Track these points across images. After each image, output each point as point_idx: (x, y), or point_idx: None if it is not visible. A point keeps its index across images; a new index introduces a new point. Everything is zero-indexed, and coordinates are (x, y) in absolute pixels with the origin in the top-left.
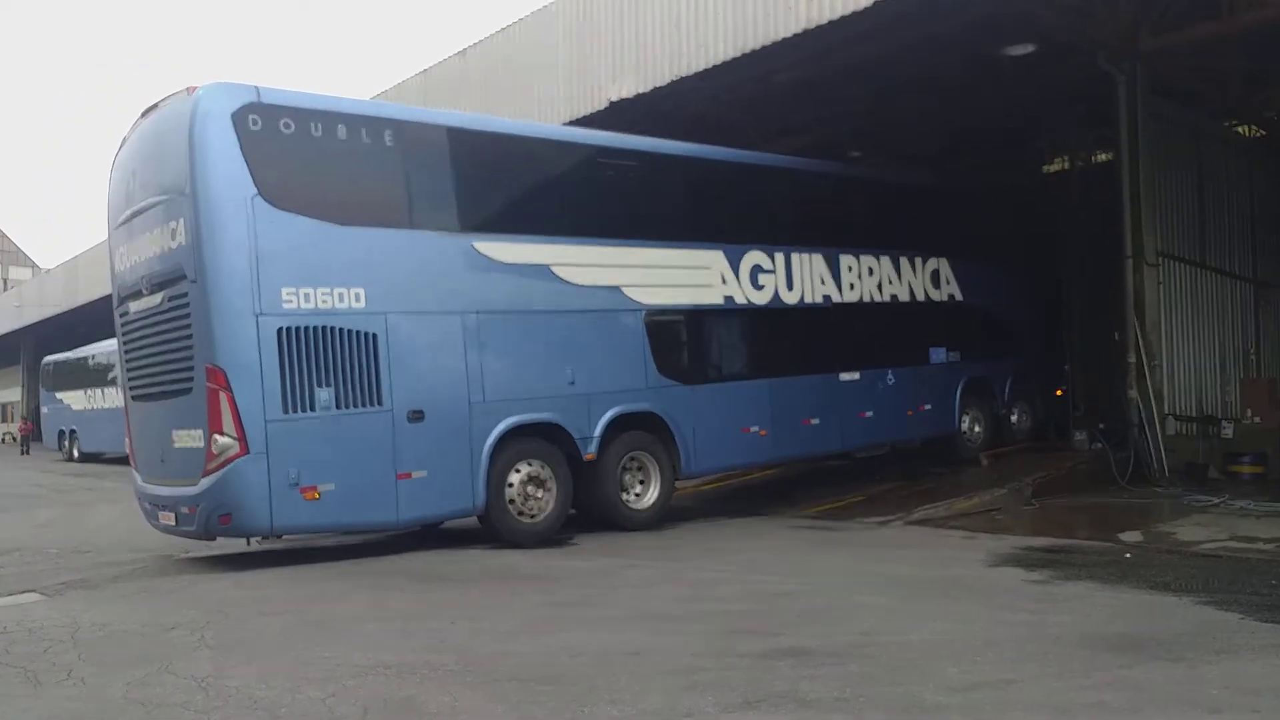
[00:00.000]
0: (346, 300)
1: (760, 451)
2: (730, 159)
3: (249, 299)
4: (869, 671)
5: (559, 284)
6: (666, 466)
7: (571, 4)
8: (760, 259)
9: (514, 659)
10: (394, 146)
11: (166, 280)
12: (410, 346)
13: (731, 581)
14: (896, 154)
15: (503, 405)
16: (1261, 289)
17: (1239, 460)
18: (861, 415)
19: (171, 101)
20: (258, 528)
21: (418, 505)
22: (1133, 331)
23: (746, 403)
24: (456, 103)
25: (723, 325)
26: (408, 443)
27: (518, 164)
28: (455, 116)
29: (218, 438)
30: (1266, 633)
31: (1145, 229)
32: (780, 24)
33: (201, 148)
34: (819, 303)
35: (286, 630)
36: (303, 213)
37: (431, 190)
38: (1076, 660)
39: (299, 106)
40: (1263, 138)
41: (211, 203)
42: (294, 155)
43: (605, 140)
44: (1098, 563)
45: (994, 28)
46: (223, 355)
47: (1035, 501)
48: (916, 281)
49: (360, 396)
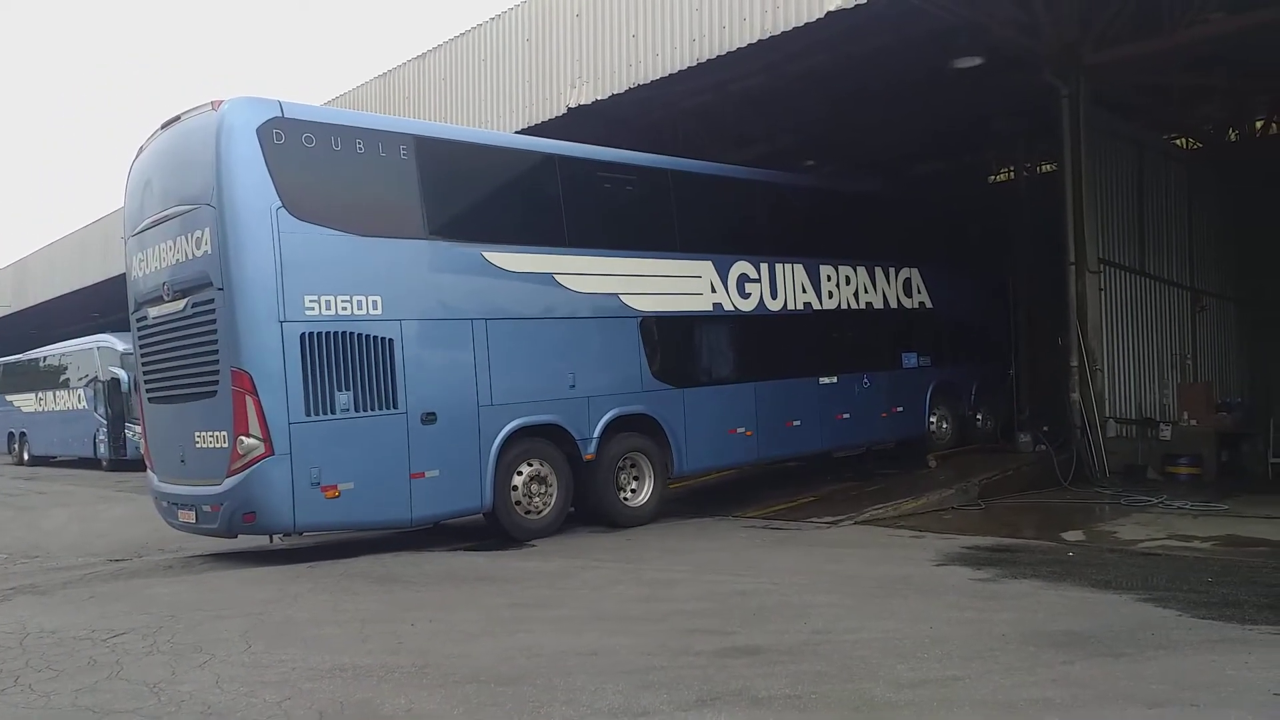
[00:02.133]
0: (364, 307)
1: (747, 452)
2: (720, 174)
3: (274, 306)
4: (820, 669)
5: (562, 291)
6: (660, 466)
7: (530, 12)
8: (747, 269)
9: (472, 660)
10: (409, 160)
11: (191, 287)
12: (423, 351)
13: (687, 581)
14: (849, 162)
15: (509, 407)
16: (1197, 296)
17: (1176, 462)
18: (840, 417)
19: (196, 115)
20: (281, 525)
21: (430, 504)
22: (1075, 336)
23: (734, 405)
24: (415, 107)
25: (712, 331)
26: (421, 444)
27: (524, 177)
28: (467, 132)
29: (243, 439)
30: (1203, 629)
31: (1087, 237)
32: (736, 34)
33: (228, 160)
34: (800, 310)
35: (243, 633)
36: (323, 223)
37: (444, 202)
38: (1021, 657)
39: (320, 121)
40: (1199, 150)
41: (238, 214)
42: (315, 168)
43: (606, 155)
44: (1042, 561)
45: (943, 40)
46: (249, 360)
47: (982, 502)
48: (890, 290)
49: (377, 399)
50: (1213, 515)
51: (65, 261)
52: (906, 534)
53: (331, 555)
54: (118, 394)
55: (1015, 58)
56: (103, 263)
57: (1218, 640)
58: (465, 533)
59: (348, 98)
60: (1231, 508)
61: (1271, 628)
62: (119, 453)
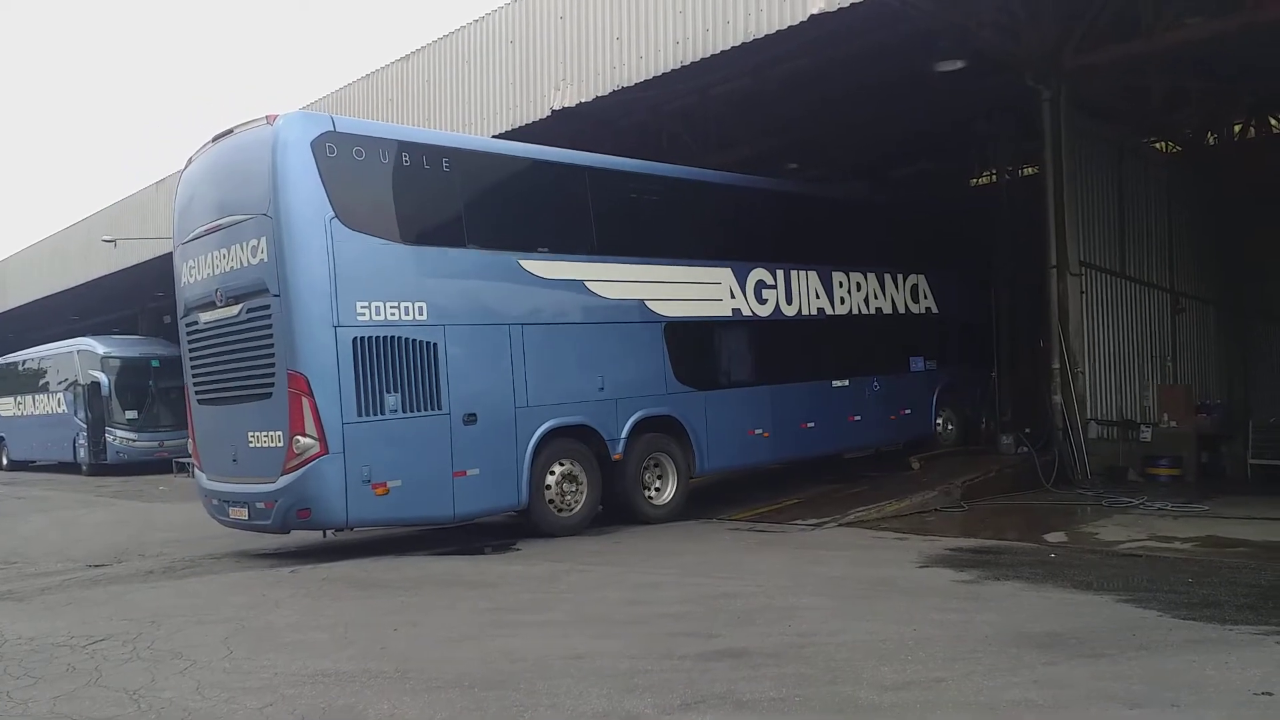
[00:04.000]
0: (411, 313)
1: (763, 452)
2: (739, 184)
3: (328, 312)
4: (805, 672)
5: (592, 298)
6: (682, 466)
7: (514, 14)
8: (764, 275)
9: (455, 665)
10: (451, 173)
11: (246, 293)
12: (465, 355)
13: (672, 584)
14: (832, 165)
15: (543, 409)
16: (1177, 299)
17: (1157, 463)
18: (851, 419)
19: (250, 129)
20: (334, 521)
21: (471, 500)
22: (1057, 338)
23: (751, 407)
24: (400, 108)
25: (731, 336)
26: (463, 443)
27: (556, 188)
28: (504, 145)
29: (299, 438)
30: (1184, 629)
31: (1068, 240)
32: (719, 37)
33: (284, 173)
34: (814, 315)
35: (224, 639)
36: (373, 233)
37: (483, 213)
38: (1004, 658)
39: (369, 135)
40: (1179, 154)
41: (294, 224)
42: (365, 180)
43: (632, 167)
44: (1024, 563)
45: (925, 44)
46: (305, 363)
47: (964, 504)
48: (898, 295)
49: (423, 401)
50: (1193, 516)
51: (45, 264)
52: (890, 536)
53: (314, 560)
54: (98, 398)
55: (997, 61)
56: (83, 266)
57: (1198, 641)
58: (446, 538)
59: (331, 99)
60: (1211, 509)
61: (1251, 628)
62: (99, 457)
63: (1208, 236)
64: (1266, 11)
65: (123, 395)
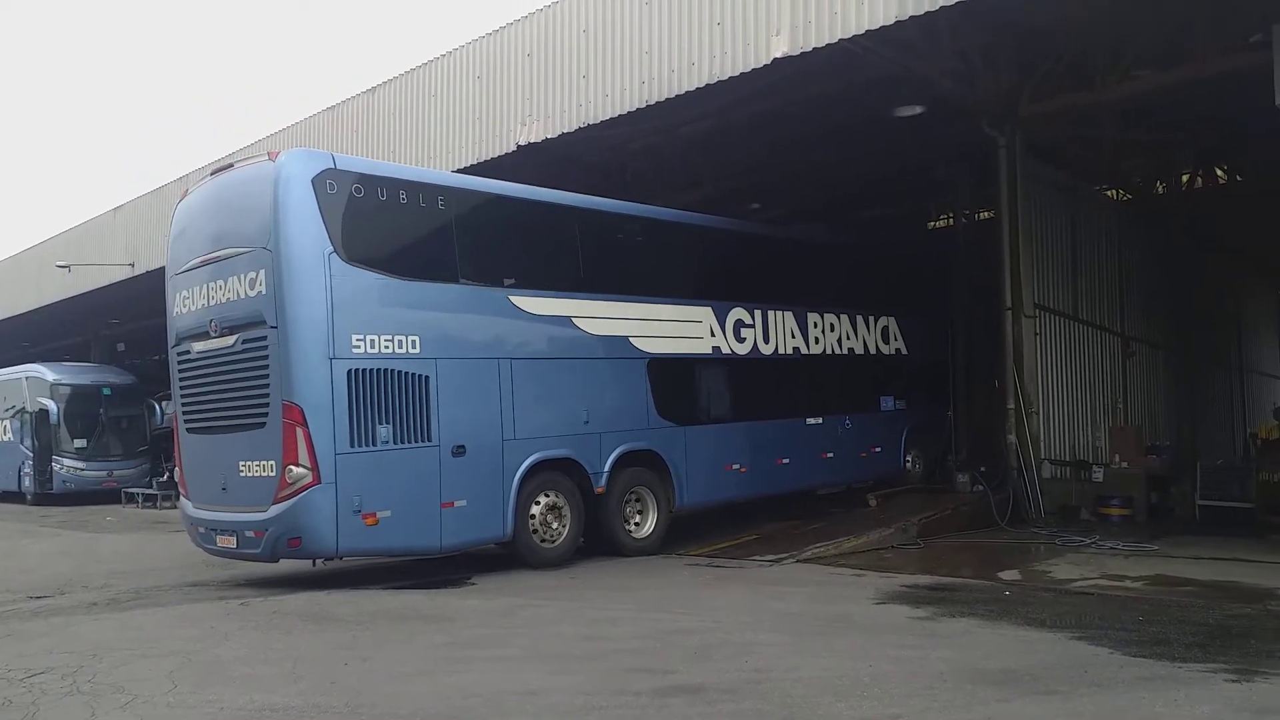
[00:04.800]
0: (404, 346)
1: (740, 488)
2: (719, 226)
3: (324, 344)
4: (761, 708)
5: (578, 333)
6: (663, 500)
7: (481, 50)
8: (743, 314)
9: (407, 700)
10: (445, 210)
11: (242, 324)
12: (455, 388)
13: (629, 620)
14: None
15: (530, 442)
16: (1127, 343)
17: (1108, 503)
18: (824, 456)
19: (250, 164)
20: (324, 550)
21: (458, 532)
22: (1011, 379)
23: (730, 443)
24: (364, 140)
25: (711, 373)
26: (451, 475)
27: (546, 226)
28: (497, 185)
29: (292, 468)
30: (1134, 666)
31: (1023, 282)
32: (684, 78)
33: (285, 208)
34: (790, 354)
35: (168, 673)
36: (369, 267)
37: (476, 249)
38: (959, 694)
39: (367, 173)
40: (1129, 201)
41: (294, 258)
42: (362, 216)
43: (620, 208)
44: (979, 600)
45: (885, 89)
46: (300, 394)
47: (920, 541)
48: (870, 336)
49: (413, 433)
50: (1143, 556)
51: None
52: (847, 572)
53: (265, 592)
54: (46, 425)
55: (955, 107)
56: (36, 291)
57: (1148, 678)
58: (403, 571)
59: (296, 130)
60: (1161, 548)
61: (1200, 665)
62: (44, 486)
63: (1157, 283)
64: (1212, 66)
65: (71, 423)
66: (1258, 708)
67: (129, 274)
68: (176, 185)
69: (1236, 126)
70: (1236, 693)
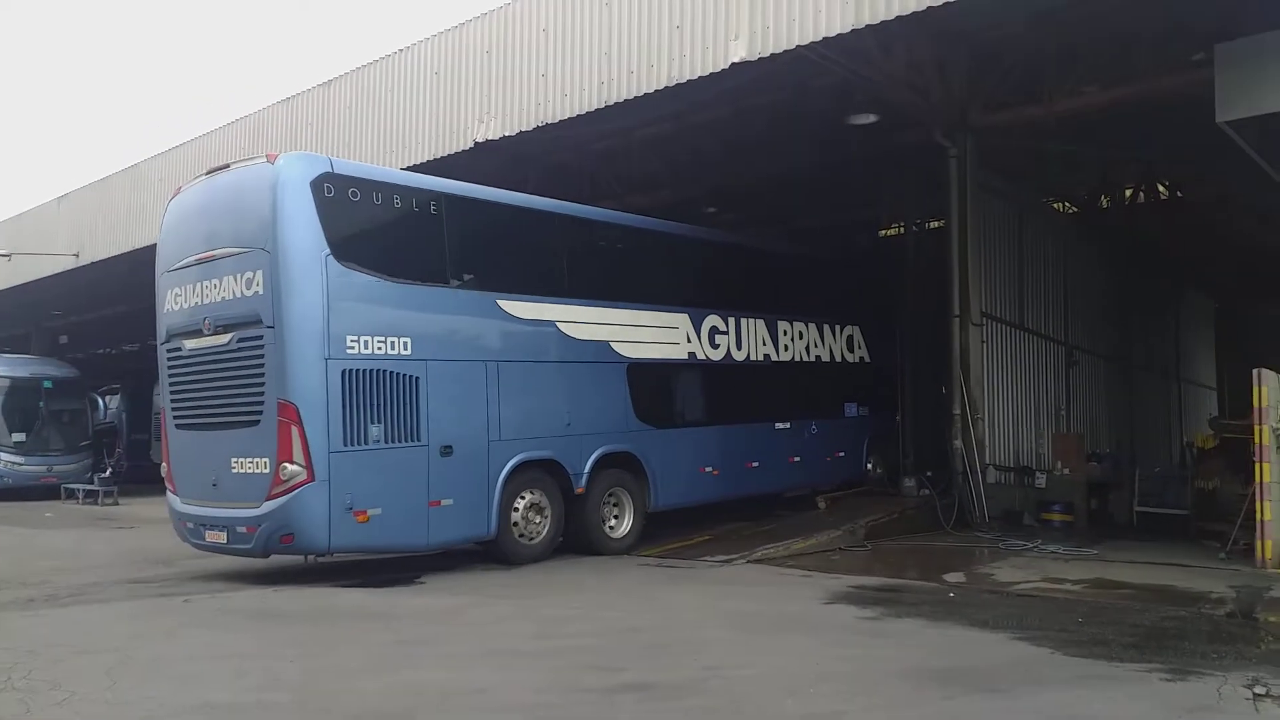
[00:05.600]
0: (396, 348)
1: (713, 490)
2: (696, 236)
3: (320, 344)
4: (710, 705)
5: (562, 338)
6: (639, 501)
7: (440, 46)
8: (717, 321)
9: (353, 697)
10: (437, 215)
11: (237, 323)
12: (444, 389)
13: (581, 618)
14: (748, 212)
15: (514, 442)
16: (1071, 352)
17: (1051, 508)
18: (791, 460)
19: (248, 166)
20: (316, 546)
21: (445, 529)
22: (958, 386)
23: (703, 446)
24: (320, 133)
25: (687, 378)
26: (439, 474)
27: (533, 232)
28: (487, 191)
29: (287, 465)
30: (1074, 665)
31: (971, 291)
32: (643, 80)
33: (284, 210)
34: (761, 361)
35: (106, 670)
36: (364, 270)
37: (466, 254)
38: (904, 692)
39: (364, 177)
40: (1076, 214)
41: (291, 260)
42: (358, 219)
43: (602, 216)
44: (924, 601)
45: (841, 97)
46: (296, 393)
47: (868, 543)
48: (836, 345)
49: (403, 432)
50: (1083, 560)
51: None
52: (796, 573)
53: (211, 590)
54: None
55: (908, 116)
56: None
57: (1087, 676)
58: (351, 570)
59: (249, 123)
60: (1100, 553)
61: (1136, 665)
62: None
63: (1100, 294)
64: (1157, 84)
65: (10, 416)
66: (1191, 706)
67: (73, 264)
68: (122, 175)
69: (1179, 143)
70: (1171, 691)
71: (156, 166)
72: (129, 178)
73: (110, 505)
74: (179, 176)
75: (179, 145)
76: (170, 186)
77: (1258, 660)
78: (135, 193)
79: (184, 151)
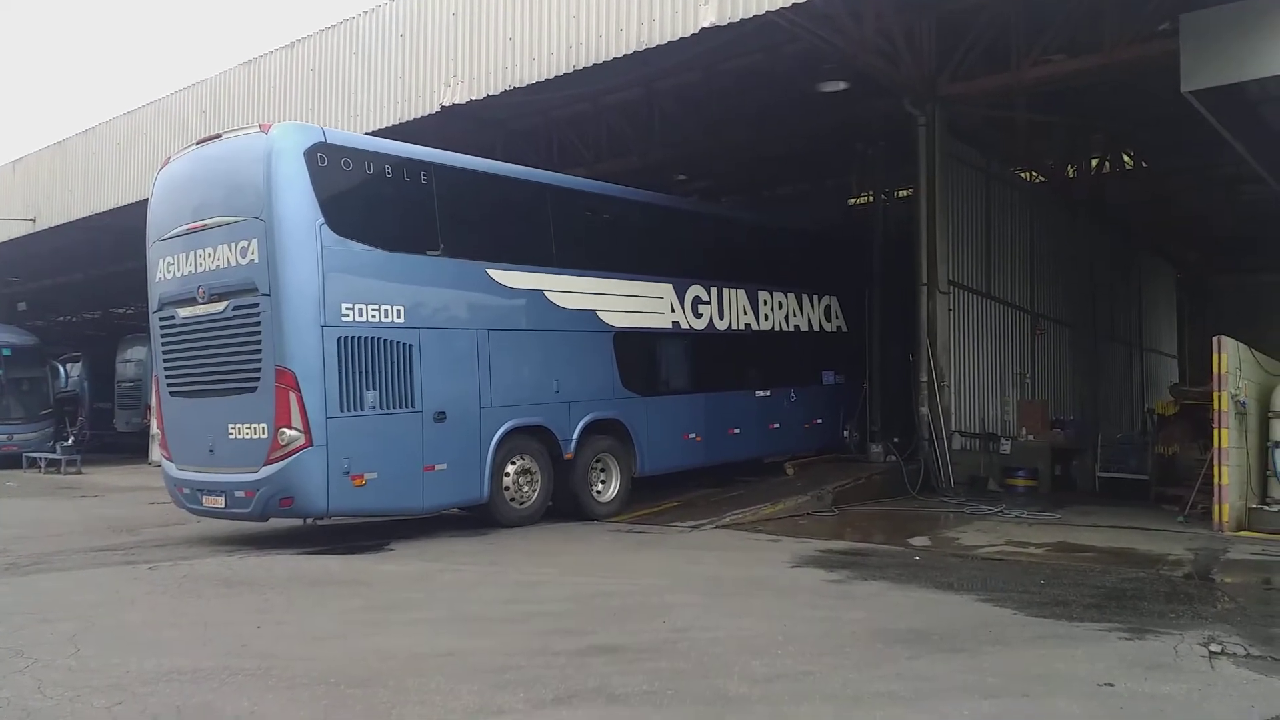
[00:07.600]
0: (390, 316)
1: (696, 455)
2: (679, 206)
3: (316, 312)
4: (678, 666)
5: (550, 307)
6: (626, 466)
7: (405, 8)
8: (700, 291)
9: (321, 662)
10: (429, 185)
11: (232, 291)
12: (437, 356)
13: (551, 583)
14: (717, 178)
15: (505, 409)
16: (1036, 320)
17: (1015, 474)
18: (771, 426)
19: (241, 136)
20: (315, 509)
21: (439, 493)
22: (925, 353)
23: (687, 413)
24: (283, 97)
25: (671, 346)
26: (433, 439)
27: (522, 203)
28: (477, 162)
29: (285, 430)
30: (1036, 626)
31: (938, 259)
32: (612, 44)
33: (278, 179)
34: (742, 330)
35: (70, 637)
36: (357, 239)
37: (457, 224)
38: (869, 653)
39: (356, 148)
40: (1043, 184)
41: (286, 228)
42: (351, 189)
43: (589, 187)
44: (890, 565)
45: (810, 64)
46: (293, 360)
47: (835, 508)
48: (814, 314)
49: (398, 399)
50: (1046, 524)
51: None
52: (764, 538)
53: (174, 558)
54: None
55: (878, 85)
56: None
57: (1048, 636)
58: (317, 536)
59: (209, 84)
60: (1063, 517)
61: (1096, 625)
62: None
63: (1065, 262)
64: (1122, 53)
65: None
66: (1149, 664)
67: (29, 229)
68: (79, 139)
69: (1146, 114)
70: (1129, 649)
71: (114, 130)
72: (86, 141)
73: (74, 474)
74: (137, 140)
75: (136, 108)
76: (128, 150)
77: (1213, 619)
78: (93, 157)
79: (142, 115)
